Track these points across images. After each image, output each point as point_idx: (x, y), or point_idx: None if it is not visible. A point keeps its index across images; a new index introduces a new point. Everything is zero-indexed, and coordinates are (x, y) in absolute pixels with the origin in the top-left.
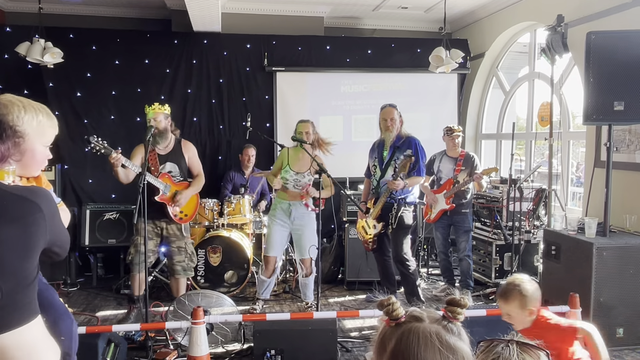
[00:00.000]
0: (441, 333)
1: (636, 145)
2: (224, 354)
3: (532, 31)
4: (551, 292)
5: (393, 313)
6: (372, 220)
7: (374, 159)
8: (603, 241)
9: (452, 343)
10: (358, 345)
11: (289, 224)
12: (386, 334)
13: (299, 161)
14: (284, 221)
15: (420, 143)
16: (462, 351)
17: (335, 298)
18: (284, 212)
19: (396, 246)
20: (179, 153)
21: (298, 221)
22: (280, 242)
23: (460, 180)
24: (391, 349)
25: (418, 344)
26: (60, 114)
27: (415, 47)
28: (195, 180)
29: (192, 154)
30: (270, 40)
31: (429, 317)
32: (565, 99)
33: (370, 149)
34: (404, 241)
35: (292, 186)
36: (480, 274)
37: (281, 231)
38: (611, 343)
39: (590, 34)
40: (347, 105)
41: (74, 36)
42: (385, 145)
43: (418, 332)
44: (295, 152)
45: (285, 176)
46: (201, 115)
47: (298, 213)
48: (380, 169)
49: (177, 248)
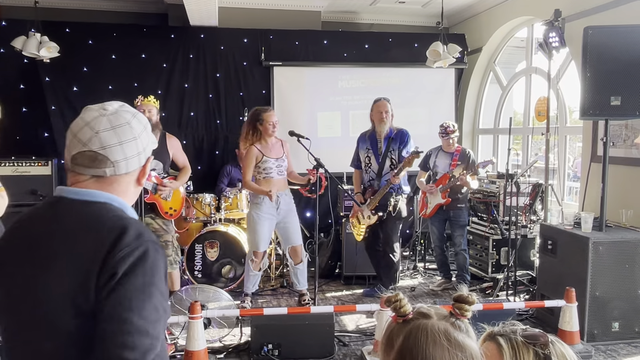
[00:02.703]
0: (449, 330)
1: (632, 140)
2: (221, 348)
3: (529, 26)
4: (547, 287)
5: (401, 310)
6: (368, 211)
7: (366, 150)
8: (599, 236)
9: (461, 340)
10: (355, 340)
11: (276, 216)
12: (394, 330)
13: (271, 148)
14: (272, 214)
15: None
16: (470, 349)
17: (332, 293)
18: (272, 205)
19: (390, 234)
20: (164, 149)
21: (284, 211)
22: (269, 236)
23: (456, 174)
24: (399, 346)
25: (426, 341)
26: (56, 109)
27: (413, 41)
28: (182, 172)
29: (176, 149)
30: (268, 34)
31: (436, 314)
32: (562, 94)
33: (360, 140)
34: (397, 230)
35: (276, 174)
36: (476, 269)
37: (270, 225)
38: (607, 337)
39: (588, 28)
40: (345, 100)
41: (70, 30)
42: (379, 137)
43: (426, 330)
44: (263, 145)
45: (268, 166)
46: (198, 109)
47: (284, 202)
48: (376, 161)
49: (164, 242)
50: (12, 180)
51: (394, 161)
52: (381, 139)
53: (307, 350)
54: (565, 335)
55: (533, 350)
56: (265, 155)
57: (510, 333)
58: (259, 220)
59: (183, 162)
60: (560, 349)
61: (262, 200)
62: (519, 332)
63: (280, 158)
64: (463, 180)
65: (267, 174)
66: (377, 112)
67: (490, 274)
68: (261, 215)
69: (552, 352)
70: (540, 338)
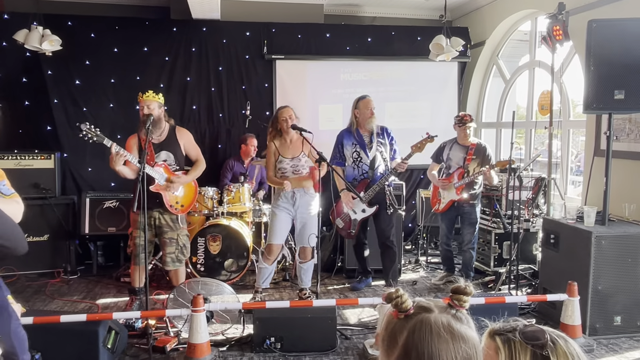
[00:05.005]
0: (452, 323)
1: (636, 134)
2: (223, 341)
3: (533, 19)
4: (550, 281)
5: (402, 305)
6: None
7: (353, 146)
8: (602, 230)
9: (463, 332)
10: (357, 333)
11: (293, 212)
12: (396, 326)
13: (289, 147)
14: (288, 209)
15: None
16: (472, 339)
17: (334, 286)
18: (288, 200)
19: (389, 228)
20: (173, 141)
21: (302, 209)
22: (285, 230)
23: (470, 170)
24: (403, 342)
25: (431, 335)
26: (58, 102)
27: (416, 35)
28: (195, 166)
29: (187, 140)
30: (270, 27)
31: (437, 307)
32: (566, 88)
33: (343, 137)
34: (393, 224)
35: (291, 173)
36: (479, 262)
37: (286, 219)
38: (609, 331)
39: (592, 22)
40: (347, 93)
41: (73, 24)
42: (364, 133)
43: (430, 324)
44: (279, 141)
45: (282, 166)
46: (200, 103)
47: (302, 201)
48: (365, 154)
49: (168, 239)
50: (15, 173)
51: (383, 154)
52: (366, 133)
53: (309, 343)
54: (567, 329)
55: (531, 351)
56: (281, 155)
57: (509, 331)
58: (276, 212)
59: (196, 156)
60: (562, 348)
61: (280, 195)
62: (520, 329)
63: (296, 157)
64: (487, 176)
65: (282, 173)
66: (366, 109)
67: (493, 267)
68: (278, 208)
69: (553, 352)
70: (540, 337)
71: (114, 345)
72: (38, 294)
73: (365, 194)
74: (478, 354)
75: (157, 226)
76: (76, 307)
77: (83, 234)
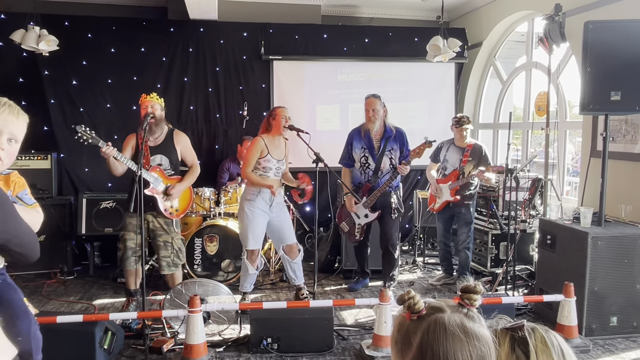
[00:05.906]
0: (465, 322)
1: (632, 135)
2: (220, 342)
3: (529, 20)
4: (546, 281)
5: (415, 307)
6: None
7: (362, 150)
8: (598, 231)
9: (477, 330)
10: (354, 334)
11: (269, 213)
12: (409, 328)
13: (277, 148)
14: (265, 210)
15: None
16: (485, 338)
17: (331, 287)
18: (266, 202)
19: (392, 232)
20: (170, 145)
21: (277, 209)
22: (263, 233)
23: (466, 172)
24: (418, 343)
25: (446, 335)
26: (55, 102)
27: (413, 36)
28: (189, 172)
29: (184, 145)
30: (267, 28)
31: (448, 307)
32: (562, 89)
33: (354, 139)
34: (397, 228)
35: (273, 174)
36: (476, 263)
37: (263, 222)
38: (605, 331)
39: (588, 23)
40: (344, 94)
41: (70, 24)
42: (374, 136)
43: (444, 324)
44: (270, 140)
45: (268, 165)
46: (198, 104)
47: (277, 201)
48: (373, 160)
49: (162, 242)
50: None
51: (392, 161)
52: (377, 137)
53: (306, 344)
54: (563, 329)
55: (510, 335)
56: (270, 154)
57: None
58: (253, 217)
59: (192, 161)
60: (541, 334)
61: (257, 196)
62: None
63: (281, 160)
64: (482, 177)
65: (264, 172)
66: (366, 110)
67: (489, 268)
68: (255, 212)
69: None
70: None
71: (110, 346)
72: (35, 294)
73: (368, 199)
74: (491, 352)
75: (150, 229)
76: (73, 308)
77: (80, 234)
